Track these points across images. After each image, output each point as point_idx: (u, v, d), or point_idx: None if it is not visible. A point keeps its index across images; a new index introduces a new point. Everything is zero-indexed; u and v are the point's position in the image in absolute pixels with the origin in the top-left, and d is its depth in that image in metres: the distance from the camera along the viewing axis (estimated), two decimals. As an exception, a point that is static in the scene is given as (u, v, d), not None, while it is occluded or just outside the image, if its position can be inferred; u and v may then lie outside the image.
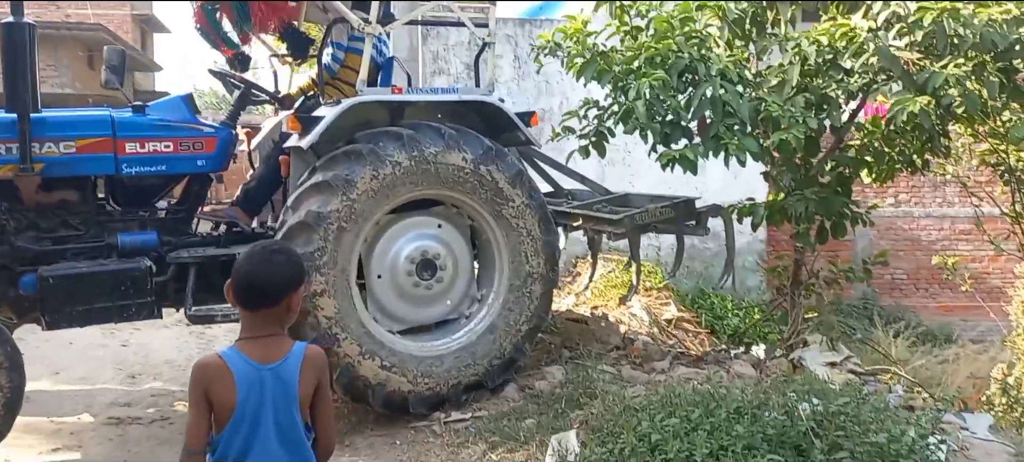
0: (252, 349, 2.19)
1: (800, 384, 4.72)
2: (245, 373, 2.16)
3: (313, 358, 2.25)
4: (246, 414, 2.15)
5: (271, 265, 2.21)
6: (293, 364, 2.20)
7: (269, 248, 2.28)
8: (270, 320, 2.22)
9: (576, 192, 6.59)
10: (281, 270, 2.22)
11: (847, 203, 5.90)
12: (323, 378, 2.28)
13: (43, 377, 6.69)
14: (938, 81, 4.62)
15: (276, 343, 2.22)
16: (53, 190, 4.87)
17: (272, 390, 2.17)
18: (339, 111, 4.87)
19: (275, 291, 2.20)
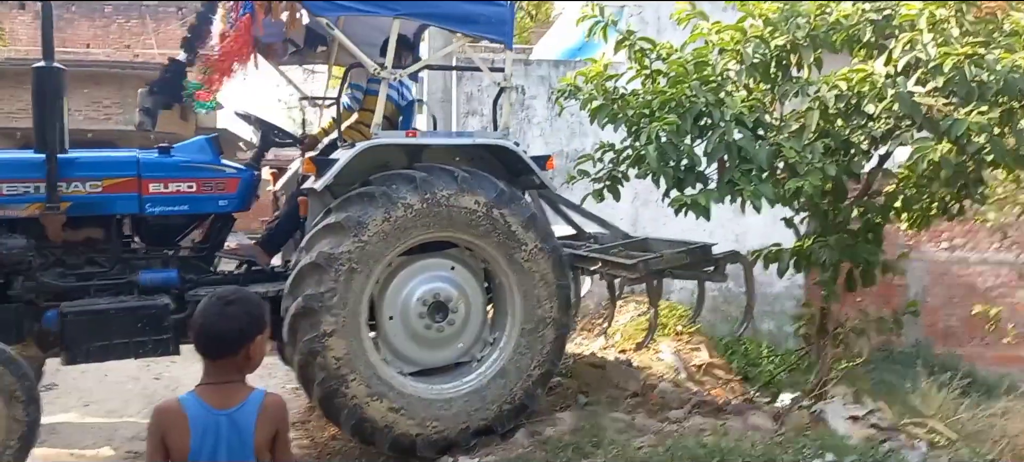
0: (210, 395, 2.21)
1: (813, 439, 4.60)
2: (200, 418, 2.17)
3: (270, 407, 2.24)
4: (200, 460, 2.17)
5: (224, 316, 2.22)
6: (249, 411, 2.21)
7: (225, 298, 2.27)
8: (230, 368, 2.24)
9: (599, 236, 6.55)
10: (235, 321, 2.22)
11: (875, 250, 5.75)
12: (281, 427, 2.27)
13: (72, 409, 6.86)
14: (961, 129, 4.50)
15: (234, 390, 2.23)
16: (79, 228, 5.04)
17: (227, 436, 2.18)
18: (353, 154, 4.97)
19: (231, 342, 2.22)
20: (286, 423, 2.30)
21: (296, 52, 6.52)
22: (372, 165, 5.18)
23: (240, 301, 2.27)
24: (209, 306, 2.25)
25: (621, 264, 5.57)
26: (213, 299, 2.27)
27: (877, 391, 7.42)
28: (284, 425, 2.29)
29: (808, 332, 6.32)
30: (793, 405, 6.01)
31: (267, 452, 2.25)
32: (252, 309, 2.28)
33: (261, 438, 2.21)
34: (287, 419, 2.32)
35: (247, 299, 2.30)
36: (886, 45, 5.16)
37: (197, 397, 2.22)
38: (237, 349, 2.22)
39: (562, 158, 10.14)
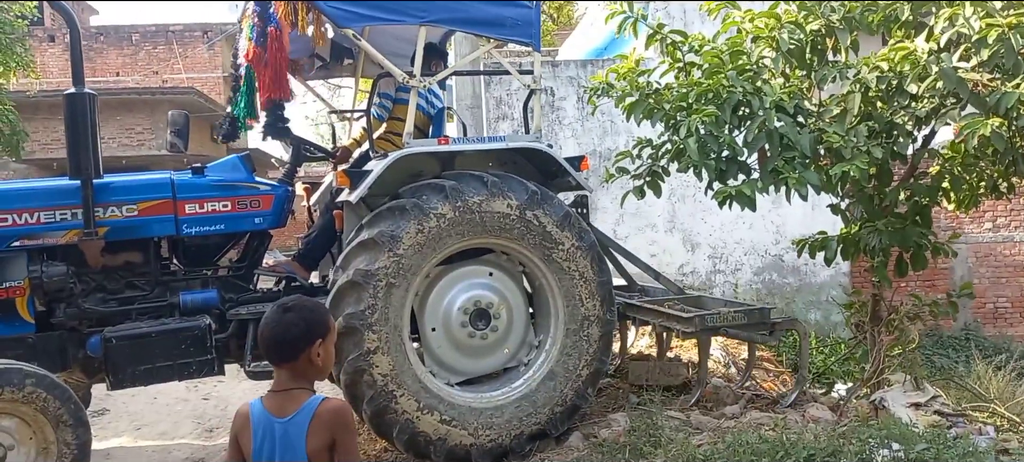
0: (273, 402, 2.27)
1: (878, 428, 4.46)
2: (261, 424, 2.24)
3: (324, 414, 2.23)
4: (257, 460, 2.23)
5: (281, 324, 2.25)
6: (302, 420, 2.22)
7: (283, 306, 2.29)
8: (295, 375, 2.27)
9: (649, 289, 6.54)
10: (294, 328, 2.24)
11: (925, 233, 5.59)
12: (340, 435, 2.24)
13: (125, 433, 6.95)
14: (1010, 101, 4.34)
15: (294, 397, 2.25)
16: (117, 252, 5.08)
17: (280, 444, 2.22)
18: (386, 165, 4.93)
19: (290, 347, 2.25)
20: (346, 429, 2.27)
21: (322, 67, 6.52)
22: (405, 174, 5.15)
23: (298, 307, 2.28)
24: (270, 314, 2.29)
25: (678, 317, 5.54)
26: (275, 307, 2.31)
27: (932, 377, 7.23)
28: (343, 431, 2.25)
29: (860, 320, 6.15)
30: (850, 395, 5.85)
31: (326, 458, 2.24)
32: (309, 315, 2.29)
33: (314, 446, 2.21)
34: (348, 425, 2.29)
35: (305, 305, 2.31)
36: (925, 22, 5.01)
37: (262, 403, 2.28)
38: (297, 355, 2.24)
39: (595, 158, 10.06)
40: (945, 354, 10.94)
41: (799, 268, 10.50)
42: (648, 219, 10.44)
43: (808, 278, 10.60)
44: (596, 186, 9.89)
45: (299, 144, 5.64)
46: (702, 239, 10.56)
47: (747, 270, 10.62)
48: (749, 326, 5.68)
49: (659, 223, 10.51)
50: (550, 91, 10.20)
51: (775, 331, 5.78)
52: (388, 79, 5.54)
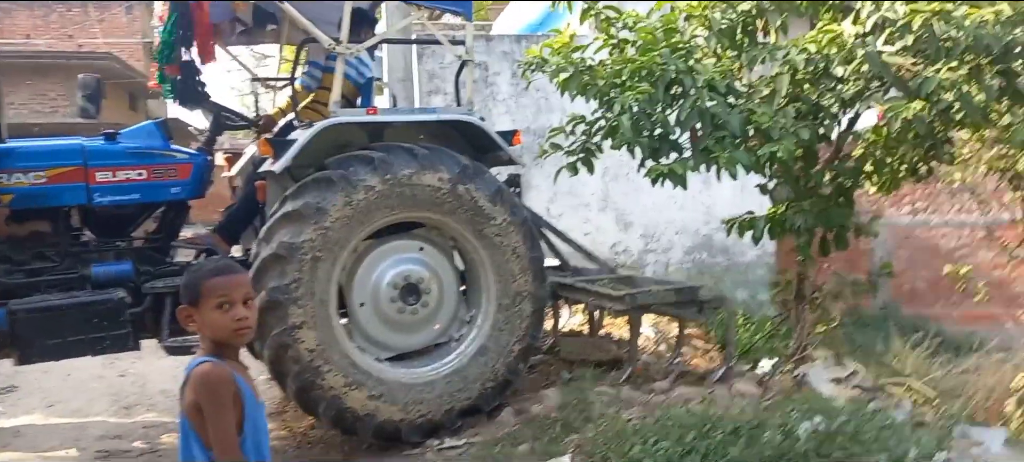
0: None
1: (801, 402, 4.56)
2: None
3: (192, 377, 2.24)
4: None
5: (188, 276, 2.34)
6: (184, 378, 2.26)
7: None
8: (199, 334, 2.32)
9: (582, 269, 6.55)
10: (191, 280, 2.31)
11: (848, 214, 5.72)
12: (201, 398, 2.20)
13: (36, 410, 6.65)
14: (931, 86, 4.46)
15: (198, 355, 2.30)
16: (24, 221, 4.83)
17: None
18: (311, 134, 4.78)
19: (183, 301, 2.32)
20: (206, 398, 2.20)
21: (244, 32, 6.27)
22: (331, 145, 5.00)
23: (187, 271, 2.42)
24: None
25: (609, 296, 5.56)
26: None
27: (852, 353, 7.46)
28: (202, 397, 2.20)
29: (785, 298, 6.30)
30: (775, 370, 5.99)
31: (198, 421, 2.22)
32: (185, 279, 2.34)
33: (186, 404, 2.24)
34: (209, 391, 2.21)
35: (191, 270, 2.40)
36: (852, 6, 5.10)
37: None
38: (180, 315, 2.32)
39: (529, 135, 9.98)
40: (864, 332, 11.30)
41: (728, 248, 10.67)
42: (581, 198, 10.45)
43: (736, 258, 10.78)
44: (529, 164, 9.84)
45: (219, 111, 5.42)
46: (635, 218, 10.62)
47: (678, 249, 10.74)
48: (679, 304, 5.75)
49: (592, 202, 10.53)
50: (484, 66, 10.06)
51: (704, 309, 5.87)
52: (317, 47, 5.36)
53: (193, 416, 2.23)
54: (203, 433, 2.21)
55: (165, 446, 5.66)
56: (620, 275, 6.48)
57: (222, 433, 2.19)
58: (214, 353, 2.27)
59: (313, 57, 5.60)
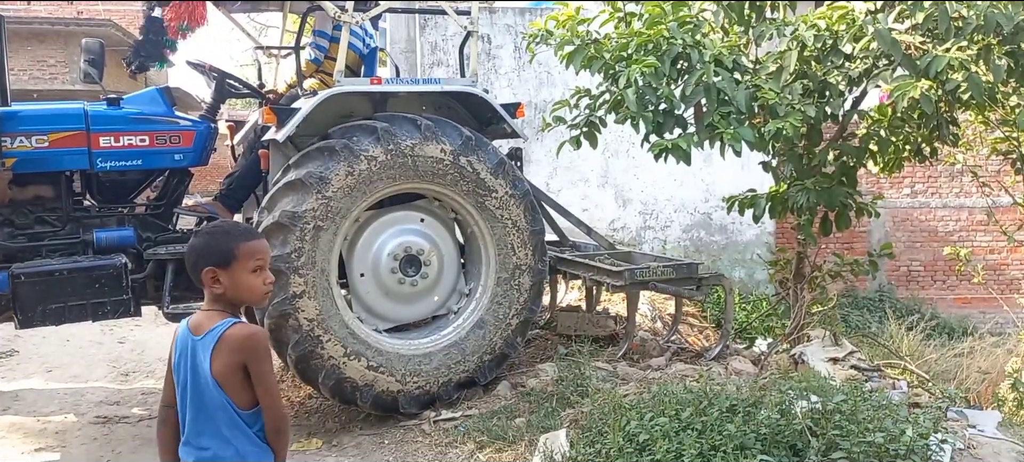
0: (195, 320, 2.30)
1: (798, 381, 4.56)
2: (181, 339, 2.29)
3: (230, 338, 2.22)
4: (178, 376, 2.29)
5: (188, 248, 2.31)
6: (210, 340, 2.23)
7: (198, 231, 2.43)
8: (211, 297, 2.29)
9: (580, 244, 6.54)
10: (192, 253, 2.29)
11: (851, 194, 5.71)
12: (248, 359, 2.22)
13: (35, 375, 6.68)
14: (940, 65, 4.42)
15: (211, 317, 2.26)
16: (26, 185, 4.81)
17: (190, 360, 2.26)
18: (315, 103, 4.74)
19: (193, 271, 2.30)
20: (257, 354, 2.25)
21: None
22: (335, 115, 4.97)
23: (204, 233, 2.33)
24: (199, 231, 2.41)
25: (608, 271, 5.55)
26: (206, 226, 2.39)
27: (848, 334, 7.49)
28: (252, 357, 2.23)
29: (784, 277, 6.30)
30: (772, 349, 6.01)
31: (235, 382, 2.23)
32: (207, 240, 2.31)
33: (218, 368, 2.21)
34: (258, 350, 2.26)
35: (211, 231, 2.34)
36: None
37: (188, 320, 2.32)
38: (198, 278, 2.29)
39: (531, 109, 9.96)
40: (860, 314, 11.36)
41: (726, 226, 10.70)
42: (581, 173, 10.44)
43: (734, 236, 10.81)
44: (532, 138, 9.82)
45: (222, 79, 5.37)
46: (634, 195, 10.63)
47: (676, 227, 10.76)
48: (677, 281, 5.75)
49: (592, 178, 10.53)
50: (487, 39, 10.01)
51: (702, 286, 5.87)
52: (325, 16, 5.31)
53: (228, 377, 2.22)
54: (236, 394, 2.23)
55: (165, 413, 5.68)
56: (618, 251, 6.47)
57: (276, 388, 2.30)
58: (233, 315, 2.28)
59: (320, 27, 5.54)
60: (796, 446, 3.75)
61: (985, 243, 12.68)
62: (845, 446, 3.61)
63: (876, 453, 3.60)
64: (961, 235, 12.83)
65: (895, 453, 3.63)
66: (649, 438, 3.84)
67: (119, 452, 4.95)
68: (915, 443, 3.67)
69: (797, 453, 3.74)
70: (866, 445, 3.60)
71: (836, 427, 3.73)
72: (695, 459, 3.69)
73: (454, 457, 4.48)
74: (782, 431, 3.79)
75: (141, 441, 5.13)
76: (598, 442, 4.02)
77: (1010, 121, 5.70)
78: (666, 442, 3.78)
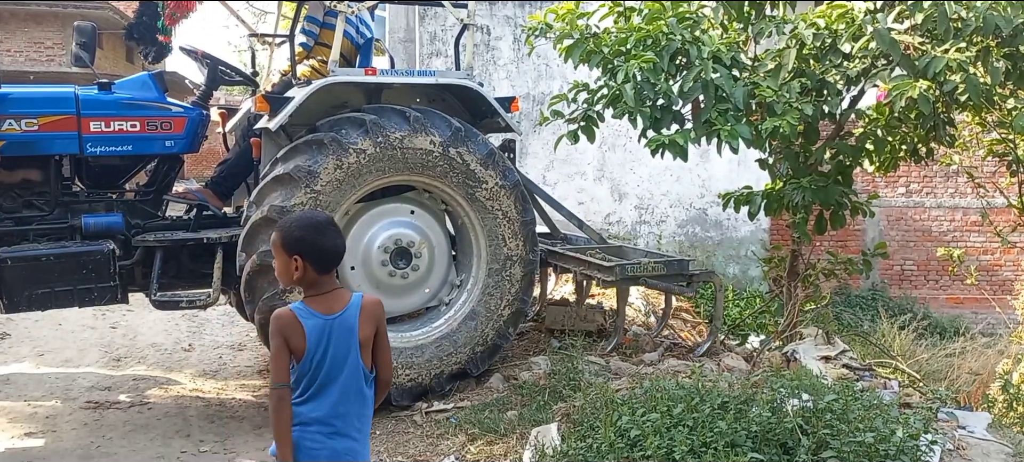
0: (321, 303, 2.51)
1: (789, 379, 4.56)
2: (314, 323, 2.48)
3: (369, 306, 2.56)
4: (314, 357, 2.49)
5: (338, 235, 2.57)
6: (353, 312, 2.51)
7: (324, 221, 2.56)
8: (333, 277, 2.56)
9: (572, 238, 6.51)
10: (342, 238, 2.60)
11: (846, 192, 5.71)
12: (380, 324, 2.59)
13: (26, 359, 6.64)
14: (939, 66, 4.42)
15: (339, 296, 2.54)
16: (15, 169, 4.75)
17: (336, 336, 2.49)
18: (309, 92, 4.70)
19: (343, 253, 2.60)
20: (384, 318, 2.63)
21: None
22: (329, 105, 4.93)
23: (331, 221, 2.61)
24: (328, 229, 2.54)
25: (598, 266, 5.53)
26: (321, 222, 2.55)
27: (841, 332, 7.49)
28: (382, 322, 2.61)
29: (778, 275, 6.29)
30: (764, 346, 6.01)
31: (368, 345, 2.56)
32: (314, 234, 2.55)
33: (364, 334, 2.53)
34: (383, 315, 2.63)
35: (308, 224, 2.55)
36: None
37: (308, 308, 2.50)
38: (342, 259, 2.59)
39: (529, 101, 9.94)
40: (853, 312, 11.39)
41: (721, 222, 10.70)
42: (578, 167, 10.43)
43: (729, 232, 10.82)
44: (529, 131, 9.79)
45: (215, 65, 5.32)
46: (630, 189, 10.62)
47: (672, 222, 10.76)
48: (668, 277, 5.74)
49: (588, 171, 10.52)
50: (486, 30, 9.97)
51: (693, 283, 5.85)
52: (316, 3, 5.27)
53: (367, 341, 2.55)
54: (366, 356, 2.56)
55: (153, 399, 5.66)
56: (610, 245, 6.45)
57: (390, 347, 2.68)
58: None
59: (312, 13, 5.50)
60: (787, 444, 3.76)
61: (979, 244, 12.71)
62: (835, 445, 3.62)
63: (866, 453, 3.60)
64: (955, 235, 12.86)
65: (885, 453, 3.63)
66: (640, 434, 3.84)
67: (110, 437, 4.93)
68: (905, 443, 3.68)
69: (787, 451, 3.74)
70: (856, 445, 3.61)
71: (827, 426, 3.73)
72: (686, 456, 3.69)
73: (445, 449, 4.47)
74: (773, 429, 3.79)
75: (132, 427, 5.10)
76: (589, 437, 4.02)
77: (1007, 123, 5.69)
78: (657, 438, 3.78)
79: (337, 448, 2.54)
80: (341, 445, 2.54)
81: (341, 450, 2.54)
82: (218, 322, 7.97)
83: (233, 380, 6.17)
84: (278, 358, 2.51)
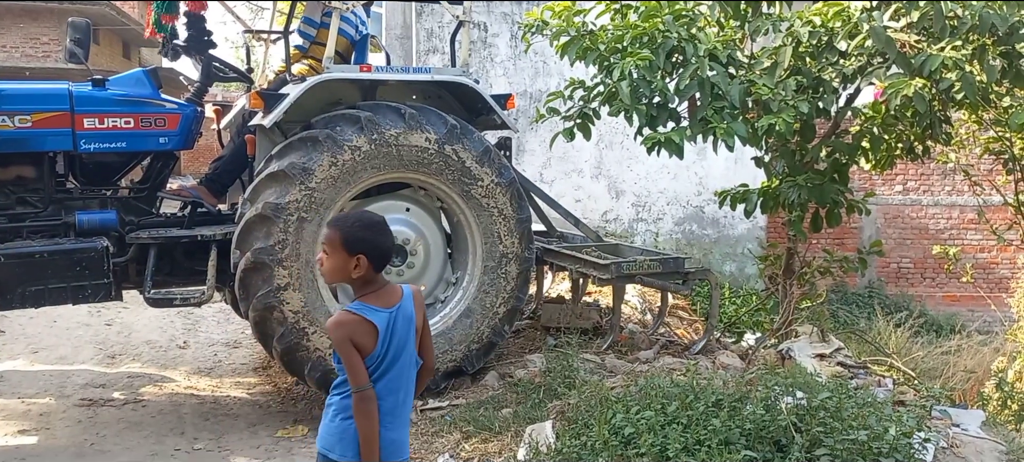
0: (379, 299, 2.53)
1: (784, 376, 4.56)
2: (378, 319, 2.49)
3: (417, 296, 2.64)
4: (380, 353, 2.51)
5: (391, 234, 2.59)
6: (409, 303, 2.58)
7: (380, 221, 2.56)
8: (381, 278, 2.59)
9: (568, 235, 6.51)
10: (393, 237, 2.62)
11: (843, 190, 5.70)
12: (425, 312, 2.67)
13: (21, 356, 6.63)
14: (934, 64, 4.42)
15: (393, 290, 2.58)
16: (8, 165, 4.75)
17: (399, 328, 2.53)
18: (303, 89, 4.69)
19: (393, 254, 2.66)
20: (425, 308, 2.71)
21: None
22: (324, 101, 4.92)
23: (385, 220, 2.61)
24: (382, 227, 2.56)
25: (594, 264, 5.53)
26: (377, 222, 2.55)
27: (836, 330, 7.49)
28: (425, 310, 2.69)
29: (774, 272, 6.29)
30: (759, 344, 6.00)
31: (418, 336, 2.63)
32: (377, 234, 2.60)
33: (418, 322, 2.61)
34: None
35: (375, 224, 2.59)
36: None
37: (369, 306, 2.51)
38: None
39: (525, 98, 9.93)
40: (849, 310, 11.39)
41: (718, 220, 10.69)
42: (575, 164, 10.42)
43: (726, 230, 10.81)
44: (526, 128, 9.78)
45: (210, 62, 5.31)
46: (627, 187, 10.61)
47: (669, 220, 10.75)
48: (663, 275, 5.74)
49: (585, 169, 10.51)
50: (483, 27, 9.95)
51: (689, 280, 5.86)
52: (314, 4, 5.26)
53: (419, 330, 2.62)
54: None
55: (148, 397, 5.65)
56: (606, 243, 6.45)
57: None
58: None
59: (309, 14, 5.48)
60: (780, 442, 3.76)
61: (975, 242, 12.71)
62: (829, 443, 3.62)
63: (859, 450, 3.61)
64: (951, 233, 12.86)
65: (878, 451, 3.64)
66: (635, 431, 3.84)
67: (103, 435, 4.92)
68: (898, 441, 3.68)
69: (781, 449, 3.75)
70: (850, 442, 3.61)
71: (820, 424, 3.73)
72: (680, 453, 3.69)
73: (440, 446, 4.46)
74: (767, 427, 3.80)
75: (126, 424, 5.10)
76: (584, 434, 4.02)
77: (1003, 121, 5.69)
78: (651, 436, 3.78)
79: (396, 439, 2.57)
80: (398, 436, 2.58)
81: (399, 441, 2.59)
82: (213, 319, 7.97)
83: (228, 377, 6.17)
84: (352, 361, 2.49)
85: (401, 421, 2.61)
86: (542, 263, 6.16)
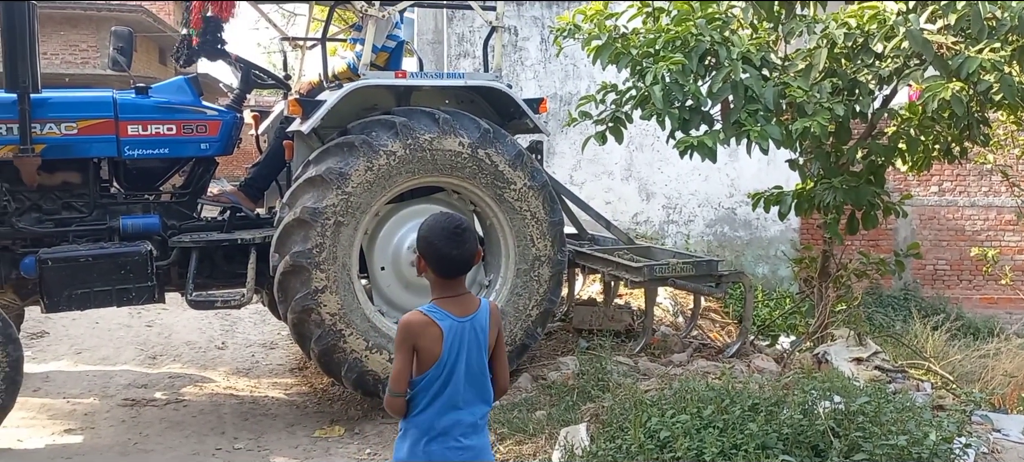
0: (454, 306, 2.50)
1: (821, 381, 4.53)
2: (449, 326, 2.46)
3: (494, 311, 2.61)
4: (448, 360, 2.47)
5: (466, 243, 2.49)
6: (483, 315, 2.54)
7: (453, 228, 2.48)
8: (462, 283, 2.56)
9: (599, 238, 6.52)
10: (472, 245, 2.51)
11: (878, 192, 5.65)
12: (500, 328, 2.63)
13: (65, 357, 6.78)
14: (972, 66, 4.36)
15: (469, 300, 2.54)
16: (55, 171, 4.86)
17: (469, 338, 2.50)
18: (341, 95, 4.76)
19: (470, 261, 2.53)
20: (501, 323, 2.67)
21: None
22: (360, 107, 4.99)
23: (465, 225, 2.55)
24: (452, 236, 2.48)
25: (626, 266, 5.54)
26: (450, 228, 2.49)
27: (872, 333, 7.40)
28: (501, 326, 2.66)
29: (809, 275, 6.24)
30: (795, 348, 5.96)
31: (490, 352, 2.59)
32: (474, 233, 2.59)
33: (492, 337, 2.57)
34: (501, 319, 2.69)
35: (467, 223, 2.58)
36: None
37: (441, 310, 2.48)
38: (471, 267, 2.55)
39: (556, 101, 9.95)
40: (884, 312, 11.23)
41: (750, 222, 10.62)
42: (605, 166, 10.41)
43: (758, 232, 10.73)
44: (556, 131, 9.79)
45: (248, 69, 5.41)
46: (658, 189, 10.58)
47: (700, 222, 10.69)
48: (696, 277, 5.73)
49: (616, 171, 10.49)
50: (513, 30, 9.99)
51: (722, 283, 5.84)
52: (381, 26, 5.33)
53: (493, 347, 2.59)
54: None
55: (189, 397, 5.76)
56: (638, 246, 6.45)
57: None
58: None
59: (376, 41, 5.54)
60: (818, 447, 3.73)
61: (1013, 243, 12.48)
62: (867, 448, 3.59)
63: (899, 456, 3.57)
64: (989, 235, 12.64)
65: (918, 456, 3.59)
66: (670, 435, 3.83)
67: (146, 434, 5.03)
68: (938, 446, 3.64)
69: (819, 454, 3.72)
70: (889, 448, 3.57)
71: (859, 429, 3.70)
72: (716, 457, 3.67)
73: (474, 448, 4.49)
74: (804, 431, 3.77)
75: (168, 424, 5.20)
76: (619, 437, 4.01)
77: (1043, 122, 5.60)
78: (687, 439, 3.76)
79: (465, 455, 2.52)
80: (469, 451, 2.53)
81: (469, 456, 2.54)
82: (249, 321, 8.09)
83: (266, 378, 6.26)
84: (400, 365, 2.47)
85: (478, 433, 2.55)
86: (574, 266, 6.17)
